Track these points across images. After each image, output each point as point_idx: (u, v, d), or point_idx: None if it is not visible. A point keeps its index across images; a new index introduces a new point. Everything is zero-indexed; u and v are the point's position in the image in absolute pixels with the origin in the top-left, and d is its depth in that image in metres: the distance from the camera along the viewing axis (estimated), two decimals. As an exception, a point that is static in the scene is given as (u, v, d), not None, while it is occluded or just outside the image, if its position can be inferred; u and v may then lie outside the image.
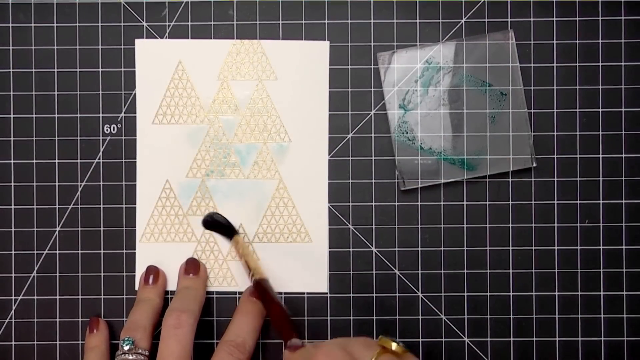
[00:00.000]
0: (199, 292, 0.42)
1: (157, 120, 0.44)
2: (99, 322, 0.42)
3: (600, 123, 0.43)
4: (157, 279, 0.43)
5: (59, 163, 0.44)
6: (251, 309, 0.41)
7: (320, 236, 0.43)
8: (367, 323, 0.43)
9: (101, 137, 0.44)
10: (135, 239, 0.44)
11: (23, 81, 0.44)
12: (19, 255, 0.44)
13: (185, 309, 0.39)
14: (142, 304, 0.41)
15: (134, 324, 0.40)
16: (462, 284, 0.43)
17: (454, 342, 0.43)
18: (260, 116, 0.44)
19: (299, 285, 0.43)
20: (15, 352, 0.43)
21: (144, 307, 0.41)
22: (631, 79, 0.43)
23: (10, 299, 0.44)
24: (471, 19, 0.44)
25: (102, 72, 0.44)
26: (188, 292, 0.41)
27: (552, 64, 0.44)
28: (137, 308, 0.41)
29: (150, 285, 0.42)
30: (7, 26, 0.44)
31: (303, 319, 0.43)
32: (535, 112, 0.44)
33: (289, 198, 0.44)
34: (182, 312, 0.39)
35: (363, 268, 0.44)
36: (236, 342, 0.39)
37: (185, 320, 0.39)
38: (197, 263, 0.43)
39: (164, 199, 0.44)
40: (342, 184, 0.44)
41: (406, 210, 0.44)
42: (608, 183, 0.43)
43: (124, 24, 0.44)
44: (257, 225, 0.43)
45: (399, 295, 0.43)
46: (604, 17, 0.44)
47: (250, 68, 0.44)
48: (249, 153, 0.44)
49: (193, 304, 0.40)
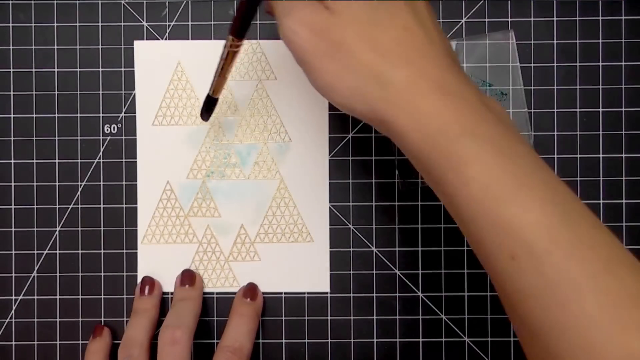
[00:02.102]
0: (195, 303, 0.42)
1: (157, 122, 0.44)
2: (102, 329, 0.42)
3: (600, 123, 0.44)
4: (153, 289, 0.43)
5: (59, 163, 0.44)
6: (246, 311, 0.42)
7: (321, 236, 0.43)
8: (367, 323, 0.43)
9: (101, 137, 0.44)
10: (135, 239, 0.44)
11: (23, 81, 0.44)
12: (19, 255, 0.44)
13: (180, 324, 0.39)
14: (138, 318, 0.41)
15: (130, 341, 0.40)
16: (462, 284, 0.43)
17: (454, 342, 0.43)
18: (260, 116, 0.44)
19: (300, 285, 0.43)
20: (15, 352, 0.43)
21: (140, 322, 0.41)
22: (631, 79, 0.43)
23: (10, 299, 0.44)
24: (471, 19, 0.44)
25: (102, 72, 0.44)
26: (183, 305, 0.41)
27: (552, 64, 0.44)
28: (133, 322, 0.41)
29: (146, 296, 0.42)
30: (7, 26, 0.44)
31: (303, 319, 0.43)
32: (535, 112, 0.44)
33: (290, 198, 0.44)
34: (176, 328, 0.39)
35: (363, 268, 0.44)
36: (234, 347, 0.40)
37: (180, 337, 0.39)
38: (193, 274, 0.43)
39: (164, 200, 0.44)
40: (342, 184, 0.44)
41: (406, 210, 0.44)
42: (608, 183, 0.43)
43: (124, 24, 0.44)
44: (258, 225, 0.44)
45: (399, 295, 0.44)
46: (604, 17, 0.44)
47: (250, 68, 0.44)
48: (250, 153, 0.44)
49: (188, 318, 0.40)
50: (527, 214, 0.26)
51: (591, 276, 0.25)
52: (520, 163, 0.27)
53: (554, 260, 0.26)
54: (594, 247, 0.26)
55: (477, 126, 0.28)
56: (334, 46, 0.29)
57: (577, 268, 0.26)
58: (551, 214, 0.26)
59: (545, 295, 0.26)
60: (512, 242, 0.26)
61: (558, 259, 0.26)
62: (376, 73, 0.28)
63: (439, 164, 0.28)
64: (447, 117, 0.27)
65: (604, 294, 0.25)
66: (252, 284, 0.43)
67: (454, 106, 0.28)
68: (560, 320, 0.26)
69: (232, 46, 0.36)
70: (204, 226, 0.44)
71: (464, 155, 0.27)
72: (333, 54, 0.29)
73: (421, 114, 0.28)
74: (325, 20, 0.29)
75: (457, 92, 0.28)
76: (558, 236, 0.26)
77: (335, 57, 0.29)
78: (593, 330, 0.25)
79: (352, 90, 0.29)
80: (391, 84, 0.28)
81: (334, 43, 0.29)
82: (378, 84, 0.28)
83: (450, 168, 0.27)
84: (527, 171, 0.27)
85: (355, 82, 0.29)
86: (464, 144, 0.27)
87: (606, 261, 0.26)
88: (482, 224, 0.27)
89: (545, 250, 0.26)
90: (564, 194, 0.27)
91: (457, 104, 0.28)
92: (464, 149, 0.27)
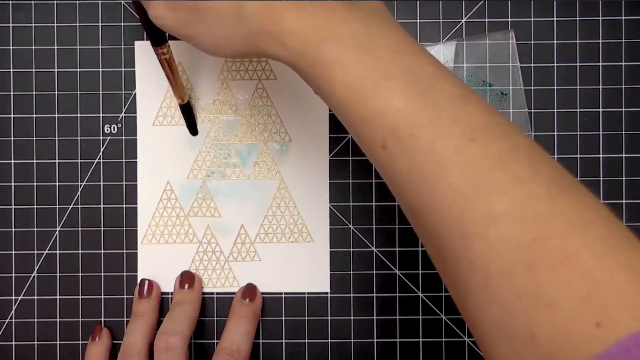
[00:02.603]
0: (192, 307, 0.42)
1: (158, 122, 0.44)
2: (101, 331, 0.42)
3: (600, 123, 0.44)
4: (151, 291, 0.43)
5: (59, 163, 0.44)
6: (244, 312, 0.42)
7: (321, 236, 0.43)
8: (367, 323, 0.43)
9: (101, 137, 0.44)
10: (135, 239, 0.44)
11: (23, 81, 0.44)
12: (19, 255, 0.44)
13: (175, 330, 0.39)
14: (137, 322, 0.41)
15: (129, 348, 0.40)
16: (462, 284, 0.43)
17: (454, 342, 0.43)
18: (261, 116, 0.44)
19: (300, 285, 0.43)
20: (15, 352, 0.43)
21: (138, 327, 0.41)
22: (631, 79, 0.43)
23: (10, 299, 0.44)
24: (471, 19, 0.44)
25: (102, 72, 0.44)
26: (179, 310, 0.41)
27: (552, 64, 0.44)
28: (132, 327, 0.41)
29: (144, 299, 0.42)
30: (7, 26, 0.44)
31: (303, 319, 0.43)
32: (535, 112, 0.44)
33: (290, 198, 0.44)
34: (170, 335, 0.39)
35: (363, 268, 0.44)
36: (231, 349, 0.40)
37: (174, 343, 0.39)
38: (192, 275, 0.43)
39: (165, 200, 0.44)
40: (342, 184, 0.44)
41: (406, 210, 0.44)
42: (608, 183, 0.43)
43: (124, 24, 0.44)
44: (258, 225, 0.44)
45: (399, 295, 0.44)
46: (604, 17, 0.44)
47: (250, 68, 0.44)
48: (250, 153, 0.44)
49: (183, 324, 0.40)
50: (390, 104, 0.27)
51: (455, 149, 0.26)
52: (381, 54, 0.28)
53: (419, 142, 0.26)
54: (456, 121, 0.26)
55: (335, 29, 0.28)
56: (192, 11, 0.30)
57: (441, 144, 0.26)
58: (413, 98, 0.27)
59: (416, 176, 0.27)
60: (381, 132, 0.27)
61: (423, 140, 0.26)
62: (237, 14, 0.29)
63: (310, 75, 0.29)
64: (306, 28, 0.28)
65: (468, 163, 0.26)
66: (251, 284, 0.43)
67: (310, 16, 0.28)
68: (431, 198, 0.26)
69: (160, 54, 0.38)
70: (204, 226, 0.44)
71: (326, 60, 0.28)
72: (196, 17, 0.30)
73: (283, 33, 0.29)
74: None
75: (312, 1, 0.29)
76: (421, 117, 0.26)
77: (199, 19, 0.30)
78: (459, 200, 0.26)
79: (227, 39, 0.30)
80: (252, 16, 0.29)
81: (190, 9, 0.30)
82: (241, 21, 0.29)
83: (319, 76, 0.28)
84: (387, 61, 0.28)
85: (225, 30, 0.30)
86: (324, 49, 0.28)
87: (472, 131, 0.26)
88: (355, 121, 0.28)
89: (410, 133, 0.26)
90: (428, 75, 0.28)
91: (314, 12, 0.28)
92: (325, 55, 0.28)
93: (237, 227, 0.43)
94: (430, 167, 0.26)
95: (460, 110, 0.27)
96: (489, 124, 0.27)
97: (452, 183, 0.26)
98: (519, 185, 0.25)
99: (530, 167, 0.26)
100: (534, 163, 0.26)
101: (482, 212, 0.25)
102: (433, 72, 0.28)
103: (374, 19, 0.29)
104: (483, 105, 0.28)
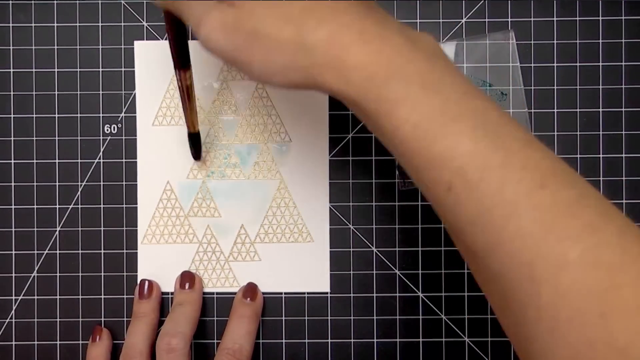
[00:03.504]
0: (193, 307, 0.42)
1: (157, 122, 0.44)
2: (102, 331, 0.42)
3: (600, 123, 0.44)
4: (151, 292, 0.43)
5: (59, 163, 0.44)
6: (245, 312, 0.42)
7: (321, 236, 0.43)
8: (367, 323, 0.43)
9: (101, 137, 0.44)
10: (136, 239, 0.44)
11: (23, 81, 0.44)
12: (19, 255, 0.44)
13: (176, 332, 0.40)
14: (138, 323, 0.41)
15: (131, 350, 0.40)
16: (462, 284, 0.43)
17: (454, 342, 0.43)
18: (261, 116, 0.44)
19: (300, 285, 0.43)
20: (15, 352, 0.43)
21: (140, 328, 0.41)
22: (631, 79, 0.43)
23: (10, 299, 0.44)
24: (471, 19, 0.44)
25: (102, 72, 0.44)
26: (180, 311, 0.41)
27: (552, 64, 0.44)
28: (133, 328, 0.41)
29: (145, 300, 0.42)
30: (7, 26, 0.44)
31: (303, 319, 0.43)
32: (535, 112, 0.44)
33: (290, 198, 0.44)
34: (172, 336, 0.39)
35: (363, 268, 0.44)
36: (233, 349, 0.40)
37: (176, 344, 0.39)
38: (192, 276, 0.43)
39: (164, 200, 0.44)
40: (342, 184, 0.44)
41: (406, 210, 0.44)
42: (608, 183, 0.43)
43: (124, 24, 0.44)
44: (258, 225, 0.44)
45: (399, 295, 0.44)
46: (604, 17, 0.44)
47: (250, 68, 0.44)
48: (250, 153, 0.44)
49: (184, 325, 0.40)
50: (458, 145, 0.27)
51: (525, 195, 0.26)
52: (448, 95, 0.27)
53: (488, 186, 0.26)
54: (526, 166, 0.26)
55: (402, 67, 0.28)
56: (250, 37, 0.29)
57: (511, 189, 0.26)
58: (482, 141, 0.27)
59: (484, 220, 0.26)
60: (447, 174, 0.27)
61: (492, 184, 0.26)
62: (298, 43, 0.28)
63: (373, 112, 0.28)
64: (372, 65, 0.28)
65: (539, 209, 0.26)
66: (251, 284, 0.43)
67: (377, 52, 0.28)
68: (499, 241, 0.26)
69: (183, 79, 0.36)
70: (204, 226, 0.44)
71: (392, 98, 0.27)
72: (253, 44, 0.29)
73: (348, 68, 0.28)
74: (233, 16, 0.29)
75: (378, 38, 0.28)
76: (491, 161, 0.26)
77: (256, 46, 0.29)
78: (529, 245, 0.25)
79: (284, 69, 0.29)
80: (315, 48, 0.28)
81: (249, 34, 0.29)
82: (303, 52, 0.28)
83: (383, 114, 0.28)
84: (455, 102, 0.27)
85: (283, 60, 0.29)
86: (391, 87, 0.27)
87: (541, 178, 0.26)
88: (419, 162, 0.28)
89: (479, 177, 0.26)
90: (494, 118, 0.27)
91: (380, 50, 0.28)
92: (391, 93, 0.27)
93: (237, 227, 0.43)
94: (499, 211, 0.26)
95: (529, 156, 0.27)
96: (557, 170, 0.27)
97: (522, 227, 0.26)
98: (590, 233, 0.25)
99: (600, 215, 0.26)
100: (603, 212, 0.26)
101: (553, 258, 0.25)
102: (499, 116, 0.28)
103: (438, 60, 0.29)
104: (548, 151, 0.28)
